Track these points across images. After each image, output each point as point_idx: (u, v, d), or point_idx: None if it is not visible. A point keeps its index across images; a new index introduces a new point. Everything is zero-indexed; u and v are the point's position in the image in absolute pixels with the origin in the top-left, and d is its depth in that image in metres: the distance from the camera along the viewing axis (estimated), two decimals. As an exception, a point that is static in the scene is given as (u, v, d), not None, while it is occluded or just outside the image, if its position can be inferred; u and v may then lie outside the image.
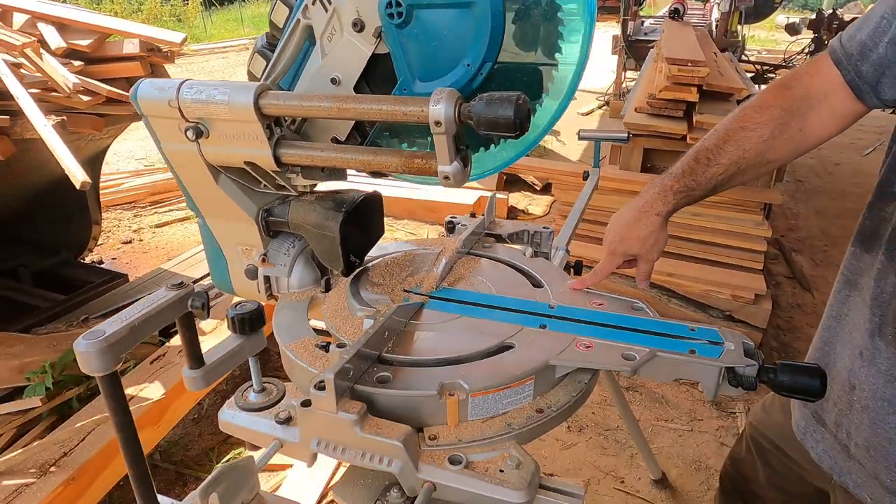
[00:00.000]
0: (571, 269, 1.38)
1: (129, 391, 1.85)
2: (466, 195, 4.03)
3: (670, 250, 2.85)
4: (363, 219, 0.96)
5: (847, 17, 7.91)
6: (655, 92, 2.58)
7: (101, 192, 3.32)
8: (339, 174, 0.90)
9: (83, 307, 2.79)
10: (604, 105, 7.80)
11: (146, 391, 1.88)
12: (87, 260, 3.40)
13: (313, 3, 0.80)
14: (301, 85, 0.87)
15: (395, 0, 0.73)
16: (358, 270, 1.01)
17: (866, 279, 0.90)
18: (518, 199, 4.43)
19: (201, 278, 3.14)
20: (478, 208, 4.09)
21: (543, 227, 1.26)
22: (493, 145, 0.86)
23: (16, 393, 2.02)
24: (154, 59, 2.36)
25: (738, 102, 2.82)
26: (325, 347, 0.82)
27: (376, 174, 0.92)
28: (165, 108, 0.83)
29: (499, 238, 1.25)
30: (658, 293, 2.68)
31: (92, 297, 2.83)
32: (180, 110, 0.82)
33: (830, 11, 8.62)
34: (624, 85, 7.12)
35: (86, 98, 2.09)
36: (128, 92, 2.40)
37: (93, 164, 2.78)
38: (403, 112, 0.70)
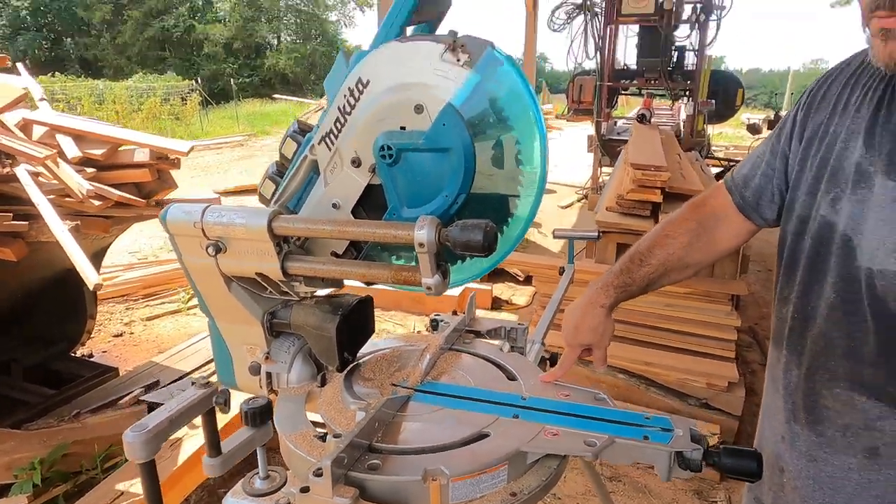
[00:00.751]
0: (548, 362, 1.50)
1: (119, 486, 1.87)
2: (451, 288, 4.17)
3: (648, 340, 2.97)
4: (357, 320, 1.08)
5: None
6: (624, 193, 2.82)
7: (97, 286, 3.42)
8: (336, 282, 1.04)
9: (74, 402, 2.81)
10: (582, 198, 8.18)
11: (135, 486, 1.91)
12: (78, 353, 3.44)
13: (319, 143, 0.97)
14: (306, 207, 1.02)
15: (387, 145, 0.90)
16: (351, 366, 1.13)
17: (778, 371, 1.03)
18: (502, 290, 4.59)
19: (192, 371, 3.19)
20: (462, 299, 4.23)
21: (519, 324, 1.39)
22: (468, 259, 1.01)
23: (3, 490, 2.02)
24: (161, 165, 2.56)
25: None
26: (323, 438, 0.92)
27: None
28: (190, 229, 0.97)
29: (478, 334, 1.37)
30: (637, 382, 2.77)
31: (82, 391, 2.86)
32: (203, 230, 0.96)
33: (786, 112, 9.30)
34: (600, 179, 7.53)
35: (97, 203, 2.26)
36: (136, 196, 2.57)
37: (95, 260, 2.90)
38: (393, 235, 0.85)
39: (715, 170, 7.61)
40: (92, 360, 3.52)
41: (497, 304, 4.40)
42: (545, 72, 39.78)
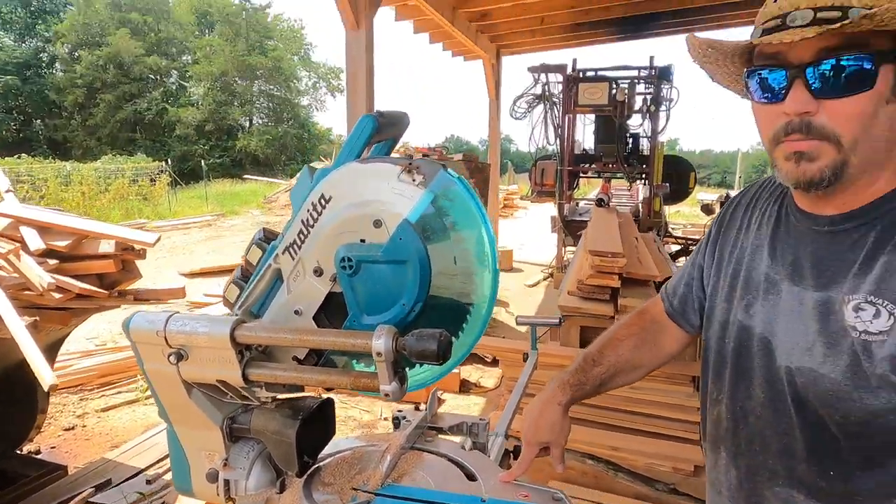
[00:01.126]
0: (511, 455, 1.51)
1: None
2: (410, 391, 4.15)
3: (615, 423, 2.99)
4: (317, 423, 1.09)
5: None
6: (584, 278, 2.92)
7: (50, 378, 3.30)
8: (297, 388, 1.06)
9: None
10: (548, 276, 8.34)
11: None
12: (25, 450, 3.26)
13: (283, 253, 1.02)
14: (269, 313, 1.05)
15: (348, 256, 0.95)
16: (311, 471, 1.12)
17: (717, 475, 1.08)
18: (470, 372, 4.57)
19: (147, 468, 3.05)
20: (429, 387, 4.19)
21: (480, 419, 1.40)
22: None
23: None
24: (126, 256, 2.56)
25: (656, 285, 3.19)
26: (279, 550, 0.91)
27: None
28: (153, 337, 0.99)
29: (440, 430, 1.38)
30: (605, 467, 2.76)
31: (27, 492, 2.69)
32: (166, 339, 0.98)
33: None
34: (565, 258, 7.73)
35: (58, 296, 2.24)
36: (98, 286, 2.55)
37: (50, 353, 2.82)
38: (352, 344, 0.89)
39: (674, 247, 7.92)
40: (39, 457, 3.33)
41: (465, 386, 4.37)
42: (510, 152, 41.43)
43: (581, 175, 8.67)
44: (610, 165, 7.72)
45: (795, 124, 0.81)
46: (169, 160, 23.75)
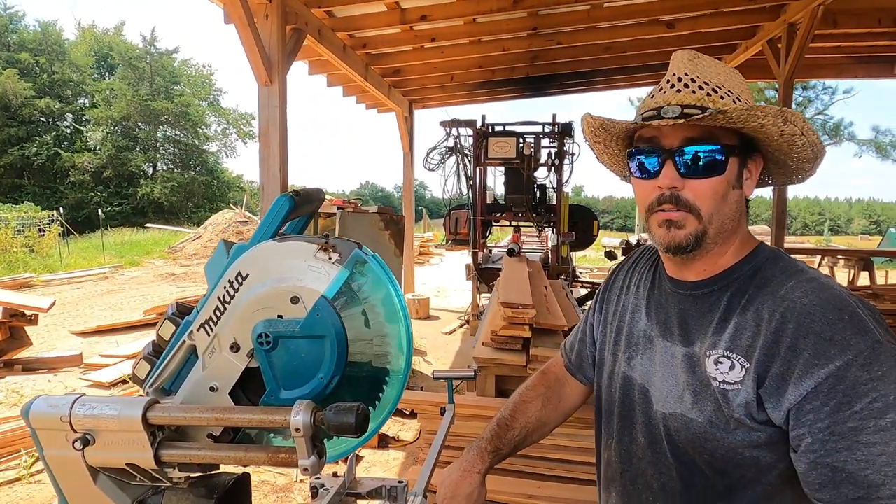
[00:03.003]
0: (431, 514, 1.53)
1: None
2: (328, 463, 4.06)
3: (530, 470, 3.06)
4: (233, 501, 1.08)
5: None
6: (496, 330, 3.04)
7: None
8: (212, 466, 1.05)
9: None
10: (465, 324, 8.47)
11: None
12: None
13: (198, 329, 1.03)
14: (183, 390, 1.04)
15: (265, 332, 0.97)
16: (226, 550, 1.09)
17: None
18: (389, 426, 4.52)
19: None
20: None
21: (398, 482, 1.42)
22: (345, 430, 1.07)
23: None
24: (16, 323, 2.40)
25: (564, 334, 3.36)
26: None
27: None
28: (56, 423, 0.95)
29: (359, 496, 1.39)
30: (526, 518, 2.80)
31: None
32: (71, 424, 0.95)
33: (637, 239, 10.56)
34: (480, 305, 7.91)
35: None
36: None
37: (-82, 433, 2.53)
38: (270, 420, 0.91)
39: (582, 291, 8.32)
40: None
41: (384, 441, 4.31)
42: (425, 199, 42.13)
43: (493, 224, 8.99)
44: (520, 215, 8.07)
45: (667, 196, 0.97)
46: (61, 208, 22.12)
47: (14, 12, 32.60)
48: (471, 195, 8.17)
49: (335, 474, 1.45)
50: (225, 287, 1.02)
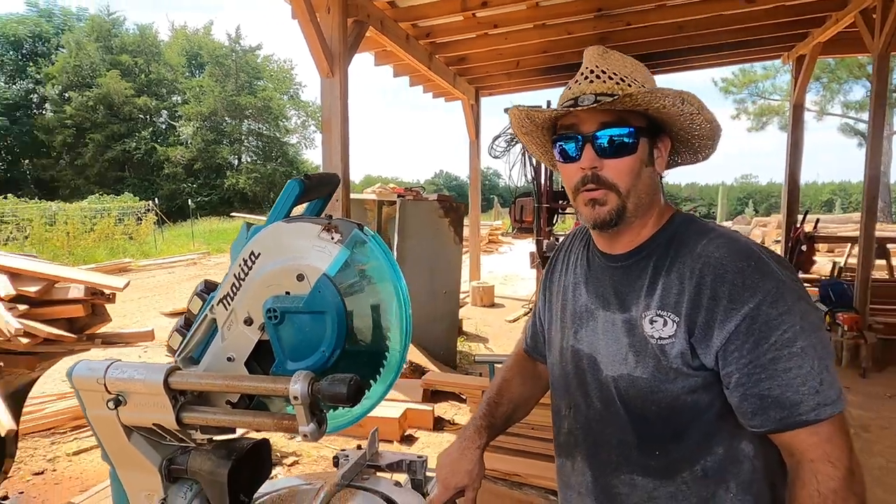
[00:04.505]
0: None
1: None
2: (393, 410, 4.19)
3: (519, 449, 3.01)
4: (252, 464, 1.16)
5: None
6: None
7: (20, 420, 3.31)
8: (230, 430, 1.13)
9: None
10: (528, 312, 8.42)
11: None
12: (-9, 496, 3.25)
13: (218, 304, 1.11)
14: (205, 360, 1.14)
15: (273, 307, 1.04)
16: (246, 509, 1.19)
17: (573, 478, 1.24)
18: (445, 410, 4.61)
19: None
20: (404, 420, 4.23)
21: (418, 457, 1.48)
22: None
23: None
24: (96, 301, 2.63)
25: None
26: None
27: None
28: (94, 384, 1.07)
29: (379, 468, 1.45)
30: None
31: (-11, 539, 2.69)
32: (105, 386, 1.06)
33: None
34: (545, 294, 7.84)
35: (25, 340, 2.30)
36: (68, 331, 2.61)
37: (19, 397, 2.85)
38: (273, 388, 0.97)
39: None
40: (6, 502, 3.31)
41: (439, 424, 4.40)
42: (499, 187, 41.92)
43: (560, 212, 8.85)
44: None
45: (589, 176, 1.08)
46: (156, 199, 23.84)
47: (116, 17, 35.20)
48: (535, 184, 8.09)
49: (359, 447, 1.53)
50: (240, 265, 1.10)
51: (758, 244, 1.03)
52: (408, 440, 4.17)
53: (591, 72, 1.08)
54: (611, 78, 1.06)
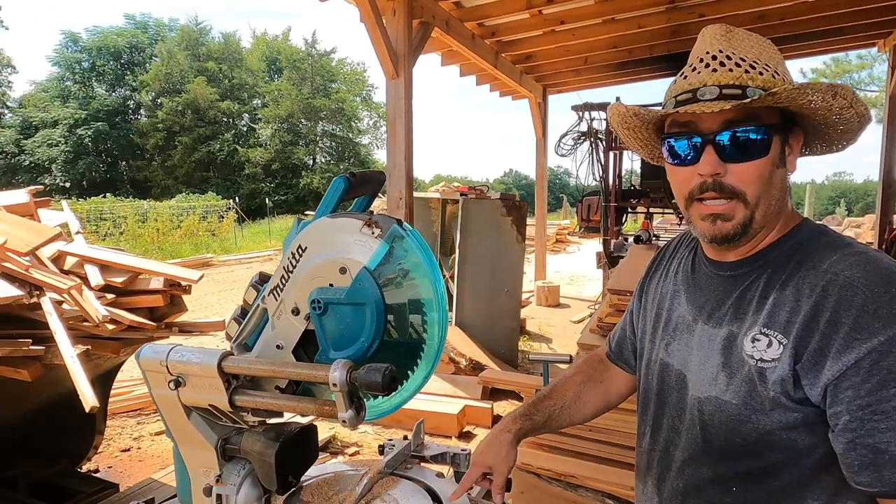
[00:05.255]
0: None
1: None
2: (453, 406, 4.24)
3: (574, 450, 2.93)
4: (299, 446, 1.22)
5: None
6: (603, 316, 2.96)
7: (109, 401, 3.60)
8: (278, 413, 1.20)
9: (71, 518, 2.89)
10: (594, 313, 8.24)
11: None
12: (84, 468, 3.55)
13: (269, 295, 1.18)
14: (258, 346, 1.21)
15: (318, 298, 1.10)
16: (293, 489, 1.25)
17: (644, 502, 1.15)
18: (504, 408, 4.60)
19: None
20: (462, 416, 4.26)
21: (462, 450, 1.50)
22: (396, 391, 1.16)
23: None
24: (174, 291, 2.82)
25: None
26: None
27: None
28: (158, 366, 1.16)
29: (423, 459, 1.49)
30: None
31: (81, 507, 2.95)
32: (167, 368, 1.15)
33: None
34: (611, 295, 7.66)
35: (111, 326, 2.50)
36: (148, 319, 2.81)
37: (106, 379, 3.11)
38: (315, 375, 1.03)
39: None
40: (97, 475, 3.61)
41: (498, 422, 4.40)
42: (570, 186, 41.20)
43: (629, 211, 8.61)
44: (658, 201, 7.65)
45: (709, 184, 0.93)
46: (237, 198, 25.15)
47: (203, 26, 37.42)
48: (602, 182, 7.91)
49: (405, 437, 1.57)
50: (289, 258, 1.16)
51: None
52: (466, 436, 4.20)
53: (714, 58, 0.91)
54: (738, 65, 0.89)
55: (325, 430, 4.12)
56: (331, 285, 1.10)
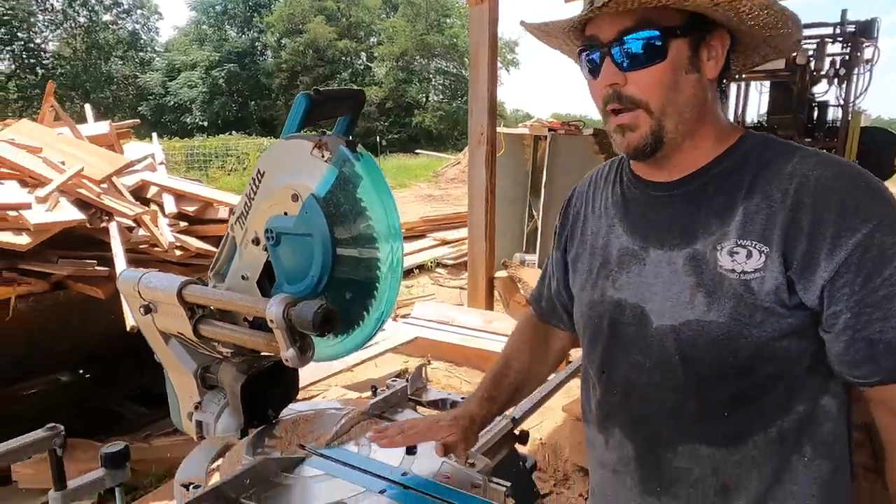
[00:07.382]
0: (517, 439, 1.48)
1: (149, 506, 2.10)
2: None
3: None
4: (273, 381, 1.19)
5: None
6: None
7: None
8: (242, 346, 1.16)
9: (161, 422, 3.21)
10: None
11: (165, 508, 2.13)
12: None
13: (236, 223, 1.12)
14: (228, 276, 1.16)
15: (271, 228, 1.02)
16: (268, 424, 1.22)
17: (610, 455, 1.07)
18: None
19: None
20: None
21: (462, 398, 1.39)
22: (353, 331, 1.07)
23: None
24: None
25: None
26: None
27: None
28: (131, 290, 1.16)
29: (420, 403, 1.40)
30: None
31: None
32: (139, 293, 1.14)
33: None
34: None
35: (179, 253, 2.63)
36: (215, 248, 2.92)
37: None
38: (254, 309, 0.96)
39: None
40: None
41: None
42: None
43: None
44: (789, 139, 6.76)
45: (610, 95, 0.90)
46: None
47: (320, -36, 38.01)
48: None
49: (406, 379, 1.49)
50: (250, 184, 1.08)
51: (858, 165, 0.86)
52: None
53: None
54: None
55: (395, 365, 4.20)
56: (285, 213, 1.02)
